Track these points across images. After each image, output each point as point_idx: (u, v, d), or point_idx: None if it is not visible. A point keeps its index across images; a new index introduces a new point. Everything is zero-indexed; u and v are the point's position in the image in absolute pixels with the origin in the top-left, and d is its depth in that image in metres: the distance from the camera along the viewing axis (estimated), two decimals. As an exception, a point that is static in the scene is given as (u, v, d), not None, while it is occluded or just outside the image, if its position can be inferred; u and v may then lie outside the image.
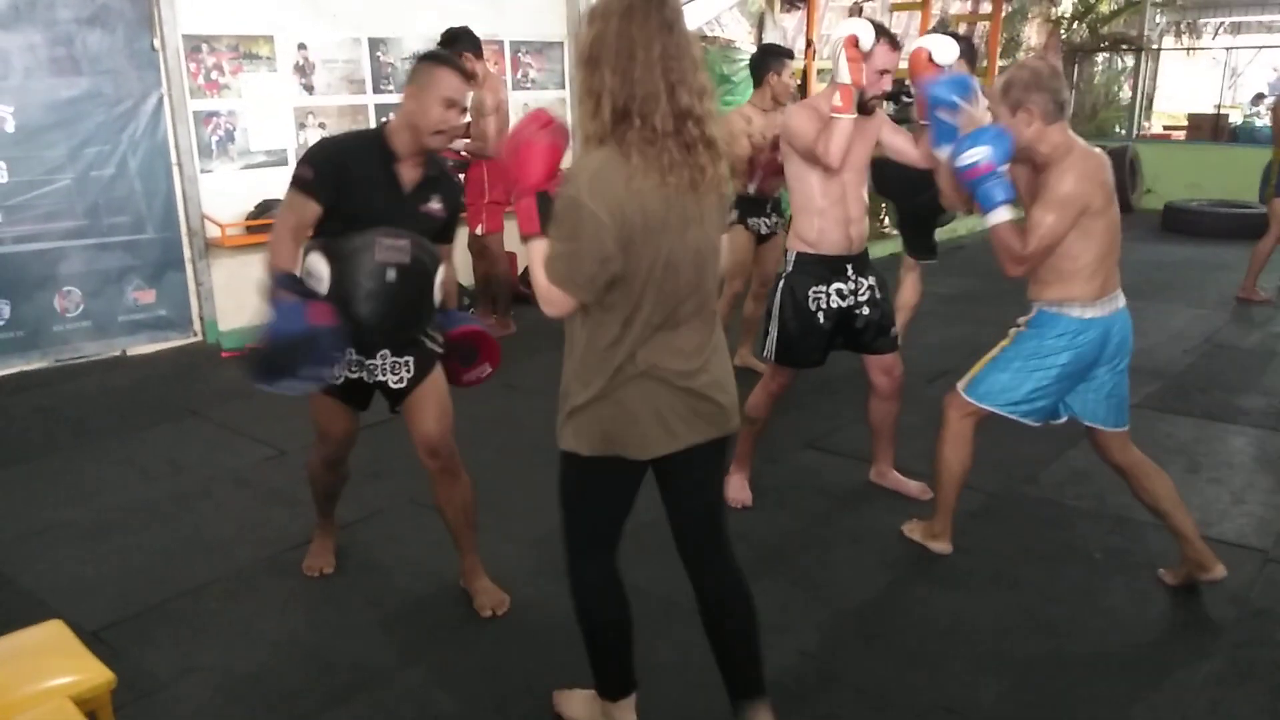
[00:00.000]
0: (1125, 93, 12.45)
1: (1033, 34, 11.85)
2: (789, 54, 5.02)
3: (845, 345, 3.53)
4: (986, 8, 9.54)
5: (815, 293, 3.36)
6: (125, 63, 5.31)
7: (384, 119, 6.31)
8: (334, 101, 6.11)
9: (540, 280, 1.95)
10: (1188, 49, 13.40)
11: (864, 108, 3.26)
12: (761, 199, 4.84)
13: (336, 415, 2.82)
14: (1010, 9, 10.50)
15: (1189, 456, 4.01)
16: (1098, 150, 2.80)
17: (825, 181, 3.28)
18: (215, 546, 3.34)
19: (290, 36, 5.88)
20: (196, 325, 5.80)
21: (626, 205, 1.85)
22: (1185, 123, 11.90)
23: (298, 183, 2.59)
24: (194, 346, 5.75)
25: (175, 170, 5.56)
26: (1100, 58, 12.54)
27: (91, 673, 1.91)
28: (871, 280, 3.48)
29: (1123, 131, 11.84)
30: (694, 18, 8.02)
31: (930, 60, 3.24)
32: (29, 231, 5.14)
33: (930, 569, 3.16)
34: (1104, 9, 11.98)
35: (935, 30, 7.73)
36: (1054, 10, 11.94)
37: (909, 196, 4.50)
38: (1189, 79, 14.00)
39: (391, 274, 2.49)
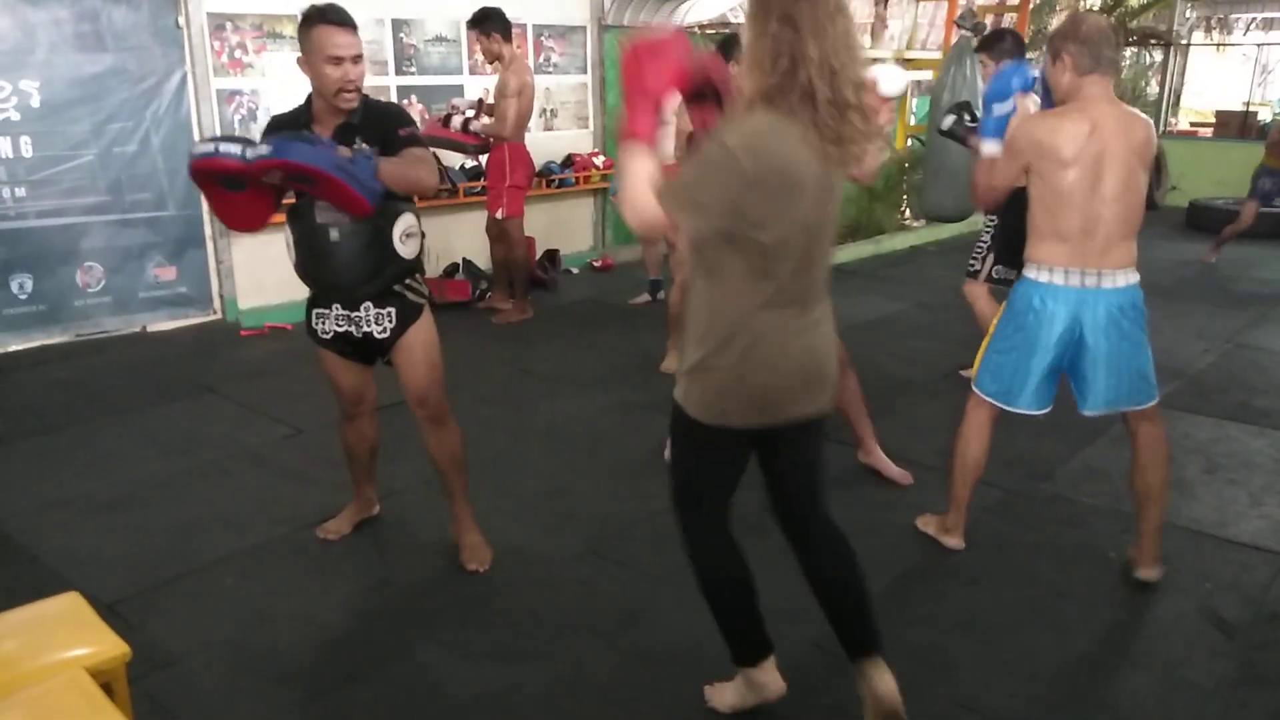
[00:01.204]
0: (1153, 88, 12.31)
1: (1060, 26, 11.72)
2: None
3: None
4: (1014, -1, 9.43)
5: None
6: (150, 40, 5.33)
7: (404, 100, 6.31)
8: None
9: (636, 190, 1.90)
10: (1218, 45, 13.23)
11: None
12: None
13: (339, 368, 2.95)
14: (1038, 1, 10.39)
15: (1207, 456, 3.97)
16: (1134, 114, 2.76)
17: None
18: (231, 523, 3.37)
19: (314, 16, 5.88)
20: (216, 303, 5.83)
21: (785, 168, 1.88)
22: (1213, 119, 11.76)
23: None
24: (213, 324, 5.79)
25: (198, 148, 5.58)
26: (1128, 52, 12.40)
27: (107, 645, 1.93)
28: None
29: (1149, 127, 11.71)
30: (717, 4, 7.98)
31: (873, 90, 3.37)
32: (52, 206, 5.18)
33: (944, 564, 3.15)
34: (1133, 3, 11.84)
35: (960, 21, 7.66)
36: (1082, 3, 11.80)
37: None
38: (1218, 75, 13.82)
39: (334, 234, 2.67)
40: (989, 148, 2.95)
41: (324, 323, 2.86)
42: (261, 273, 5.82)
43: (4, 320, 5.16)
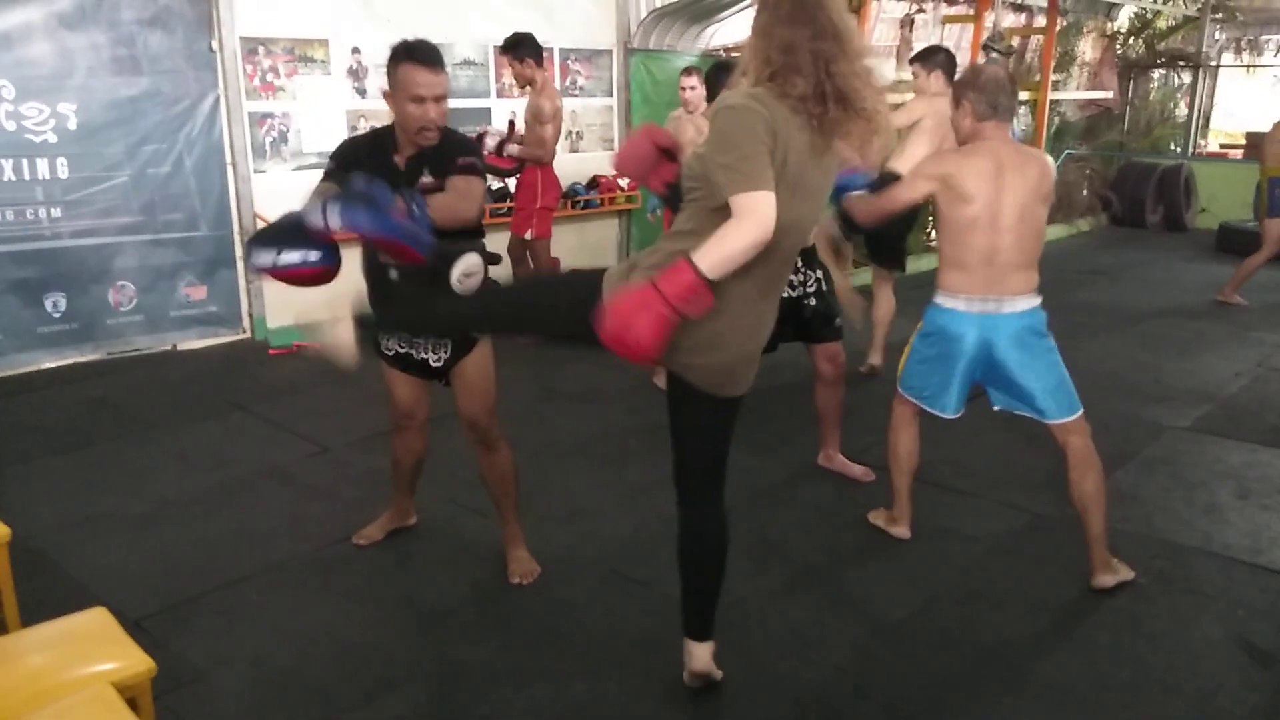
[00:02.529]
0: (1182, 110, 12.22)
1: (1088, 49, 11.69)
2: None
3: (794, 336, 3.75)
4: (1041, 21, 9.42)
5: None
6: (184, 63, 5.42)
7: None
8: (385, 105, 6.17)
9: (735, 235, 1.94)
10: (1248, 66, 13.13)
11: None
12: None
13: (398, 380, 3.05)
14: (1065, 23, 10.36)
15: (1239, 482, 3.91)
16: (1031, 153, 3.04)
17: None
18: (256, 540, 3.39)
19: (345, 40, 5.97)
20: (245, 322, 5.90)
21: (779, 127, 1.99)
22: (1243, 141, 11.65)
23: (326, 172, 2.82)
24: (242, 343, 5.85)
25: (229, 169, 5.67)
26: (1156, 74, 12.33)
27: (133, 660, 1.95)
28: (819, 273, 3.76)
29: (1178, 149, 11.62)
30: (744, 27, 8.01)
31: None
32: (86, 226, 5.26)
33: (970, 588, 3.11)
34: (1161, 25, 11.78)
35: (989, 44, 7.66)
36: (1110, 25, 11.76)
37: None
38: (1248, 96, 13.71)
39: (393, 273, 2.74)
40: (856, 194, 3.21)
41: (387, 340, 2.97)
42: (290, 293, 5.83)
43: (38, 338, 5.24)
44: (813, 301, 3.71)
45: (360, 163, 2.73)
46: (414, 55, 2.67)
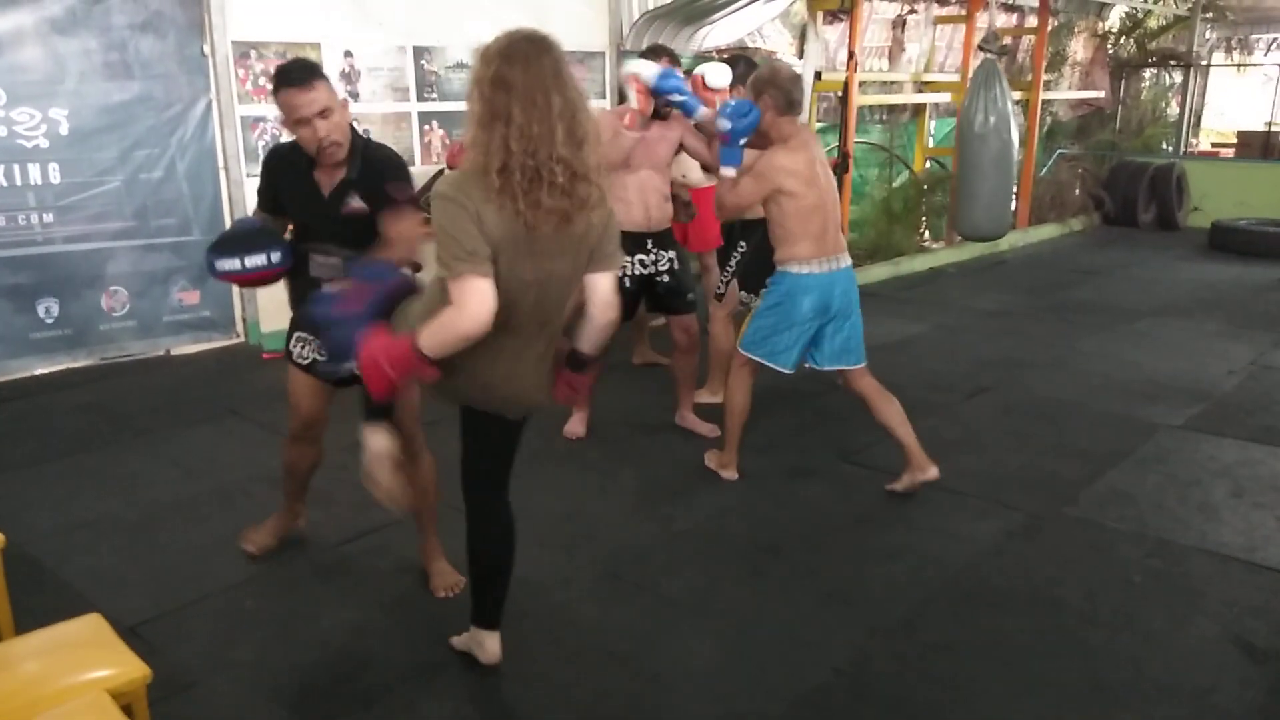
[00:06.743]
0: (1173, 109, 12.26)
1: (1079, 48, 11.72)
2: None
3: (652, 307, 4.38)
4: (1032, 21, 9.43)
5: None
6: (176, 68, 5.41)
7: (425, 126, 6.38)
8: (378, 109, 6.17)
9: (446, 318, 2.06)
10: (1238, 65, 13.18)
11: (659, 114, 3.91)
12: None
13: (307, 392, 2.97)
14: (1056, 23, 10.38)
15: (1233, 480, 3.93)
16: (812, 145, 3.55)
17: (624, 175, 3.87)
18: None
19: (337, 44, 5.96)
20: (239, 327, 5.88)
21: (484, 213, 2.04)
22: (1234, 140, 11.69)
23: (259, 189, 2.96)
24: (236, 347, 5.84)
25: (222, 174, 5.65)
26: (1148, 73, 12.37)
27: (128, 667, 1.94)
28: (672, 254, 4.17)
29: (1170, 148, 11.66)
30: (736, 29, 8.02)
31: (705, 85, 3.86)
32: (79, 232, 5.25)
33: (966, 587, 3.12)
34: (1152, 24, 11.82)
35: (984, 44, 7.71)
36: (1101, 25, 11.79)
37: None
38: (1239, 95, 13.77)
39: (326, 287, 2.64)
40: (728, 171, 3.52)
41: (303, 348, 2.93)
42: (283, 297, 5.84)
43: (31, 344, 5.22)
44: (665, 278, 4.13)
45: (279, 179, 2.82)
46: (284, 78, 2.63)
